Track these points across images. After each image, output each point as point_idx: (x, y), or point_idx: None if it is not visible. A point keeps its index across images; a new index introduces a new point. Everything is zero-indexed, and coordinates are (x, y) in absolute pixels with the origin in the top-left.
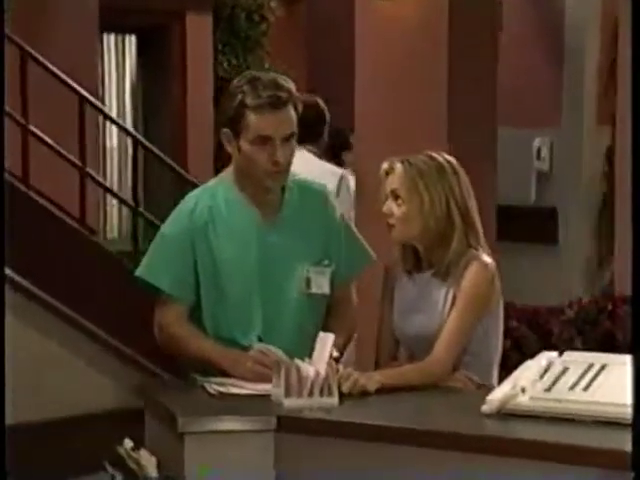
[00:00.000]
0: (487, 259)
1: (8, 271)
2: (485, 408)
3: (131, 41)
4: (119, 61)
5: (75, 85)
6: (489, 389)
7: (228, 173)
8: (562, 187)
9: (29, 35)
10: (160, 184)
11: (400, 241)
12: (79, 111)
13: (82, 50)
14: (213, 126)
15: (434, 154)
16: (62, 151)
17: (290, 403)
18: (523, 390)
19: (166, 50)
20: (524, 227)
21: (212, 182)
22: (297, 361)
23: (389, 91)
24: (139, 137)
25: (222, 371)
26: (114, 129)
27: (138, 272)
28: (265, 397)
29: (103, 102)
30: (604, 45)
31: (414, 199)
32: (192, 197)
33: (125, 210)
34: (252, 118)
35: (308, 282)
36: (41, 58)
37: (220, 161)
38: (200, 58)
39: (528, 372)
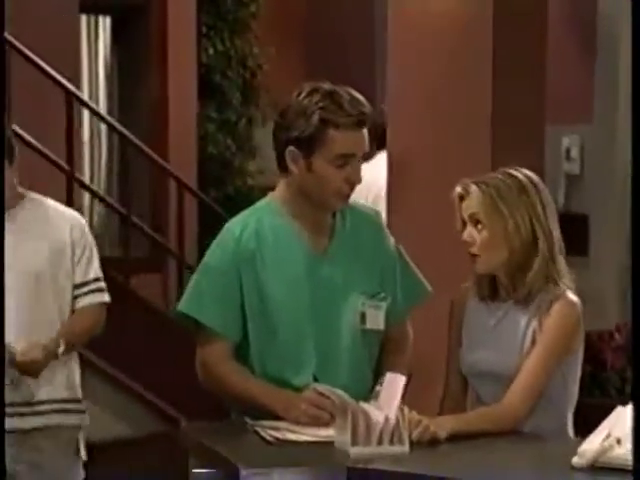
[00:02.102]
0: (573, 297)
1: None
2: (576, 460)
3: (105, 23)
4: (92, 45)
5: (62, 79)
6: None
7: (277, 194)
8: (594, 191)
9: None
10: (139, 178)
11: (485, 272)
12: (67, 109)
13: (62, 35)
14: (196, 118)
15: (512, 171)
16: (49, 153)
17: (357, 452)
18: (619, 441)
19: (145, 33)
20: None
21: (257, 205)
22: (363, 404)
23: (426, 91)
24: (124, 131)
25: (273, 414)
26: (85, 118)
27: (180, 307)
28: (327, 444)
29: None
30: None
31: (496, 223)
32: (237, 223)
33: (97, 209)
34: (336, 136)
35: (363, 317)
36: (25, 49)
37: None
38: (183, 42)
39: (622, 420)
